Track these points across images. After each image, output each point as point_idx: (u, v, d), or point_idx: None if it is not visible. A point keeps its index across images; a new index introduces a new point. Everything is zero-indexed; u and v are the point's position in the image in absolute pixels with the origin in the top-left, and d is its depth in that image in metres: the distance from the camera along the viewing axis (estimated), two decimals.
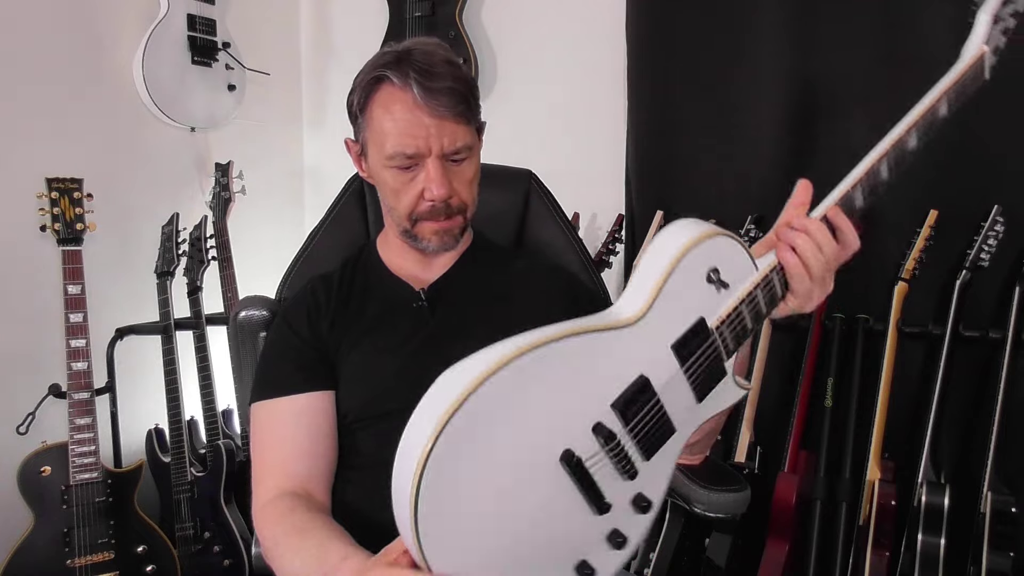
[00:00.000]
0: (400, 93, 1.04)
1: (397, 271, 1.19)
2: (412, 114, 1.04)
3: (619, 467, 0.79)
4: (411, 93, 1.03)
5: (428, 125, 1.04)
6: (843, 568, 1.67)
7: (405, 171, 1.07)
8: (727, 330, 0.84)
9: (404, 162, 1.06)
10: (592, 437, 0.77)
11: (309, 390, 1.07)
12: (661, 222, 1.99)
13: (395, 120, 1.05)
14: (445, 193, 1.07)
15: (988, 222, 1.60)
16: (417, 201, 1.08)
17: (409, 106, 1.04)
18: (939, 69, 1.71)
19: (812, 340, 1.77)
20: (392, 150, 1.05)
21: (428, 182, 1.06)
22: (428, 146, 1.05)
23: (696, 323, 0.82)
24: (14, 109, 1.87)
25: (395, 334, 1.11)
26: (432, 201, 1.07)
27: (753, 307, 0.85)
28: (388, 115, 1.05)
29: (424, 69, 1.04)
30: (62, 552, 1.73)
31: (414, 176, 1.07)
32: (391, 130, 1.05)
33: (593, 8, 2.21)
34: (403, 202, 1.09)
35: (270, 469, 1.04)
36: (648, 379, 0.80)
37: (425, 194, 1.07)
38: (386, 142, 1.06)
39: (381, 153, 1.07)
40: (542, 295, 1.17)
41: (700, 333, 0.82)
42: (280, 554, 0.94)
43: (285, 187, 2.66)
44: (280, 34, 2.63)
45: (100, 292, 1.95)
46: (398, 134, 1.05)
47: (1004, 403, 1.55)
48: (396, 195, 1.09)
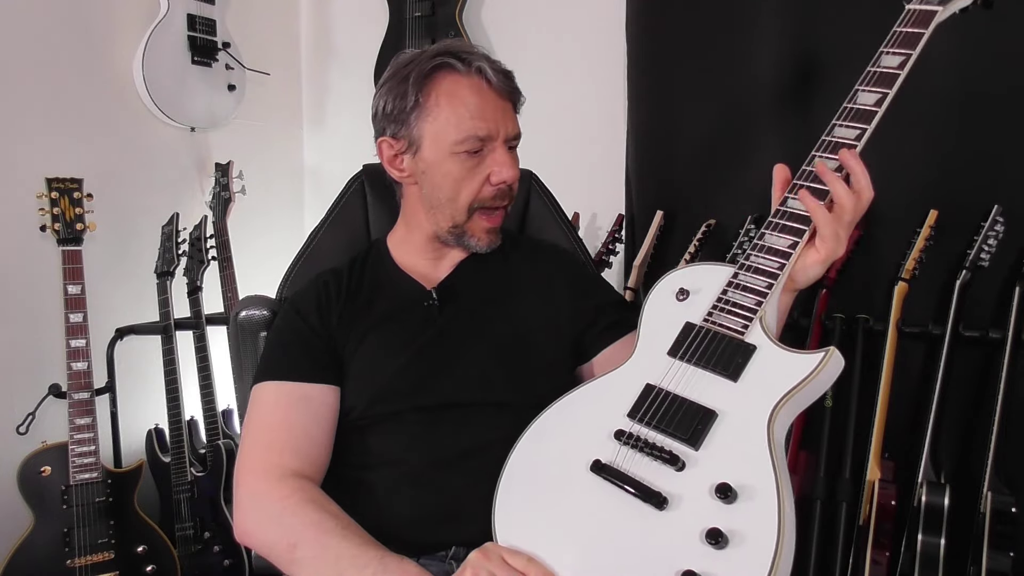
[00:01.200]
0: (466, 79, 1.06)
1: (407, 269, 1.19)
2: (482, 97, 1.06)
3: (658, 459, 0.83)
4: (480, 77, 1.06)
5: (497, 108, 1.07)
6: (843, 568, 1.67)
7: (472, 156, 1.07)
8: (721, 316, 0.92)
9: (475, 145, 1.06)
10: (615, 442, 0.87)
11: (317, 381, 1.07)
12: (661, 222, 1.99)
13: (466, 104, 1.06)
14: (515, 175, 1.09)
15: (988, 222, 1.60)
16: (481, 187, 1.09)
17: (480, 89, 1.06)
18: (938, 71, 1.71)
19: (812, 340, 1.77)
20: (464, 134, 1.06)
21: (497, 165, 1.07)
22: (498, 129, 1.07)
23: (683, 327, 0.93)
24: (14, 109, 1.87)
25: (404, 332, 1.11)
26: (500, 184, 1.09)
27: (748, 279, 0.92)
28: (457, 100, 1.06)
29: (485, 57, 1.08)
30: (62, 552, 1.73)
31: (480, 161, 1.08)
32: (463, 114, 1.06)
33: (593, 8, 2.21)
34: (467, 189, 1.09)
35: (276, 446, 1.02)
36: (653, 384, 0.89)
37: (492, 178, 1.08)
38: (457, 127, 1.06)
39: (446, 140, 1.07)
40: (547, 292, 1.17)
41: (690, 332, 0.92)
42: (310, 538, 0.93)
43: (285, 187, 2.66)
44: (280, 34, 2.63)
45: (100, 292, 1.95)
46: (471, 117, 1.06)
47: (1004, 403, 1.55)
48: (459, 184, 1.09)
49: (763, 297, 0.91)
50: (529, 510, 0.89)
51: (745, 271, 0.93)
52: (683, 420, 0.85)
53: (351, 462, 1.07)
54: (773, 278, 0.91)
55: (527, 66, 2.36)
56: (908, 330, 1.69)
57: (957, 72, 1.66)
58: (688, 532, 0.77)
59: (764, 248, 0.93)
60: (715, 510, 0.77)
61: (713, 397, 0.86)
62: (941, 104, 1.68)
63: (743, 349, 0.88)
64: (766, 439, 0.80)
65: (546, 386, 1.02)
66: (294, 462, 1.01)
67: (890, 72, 0.95)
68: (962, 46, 1.66)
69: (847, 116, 0.95)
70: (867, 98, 0.94)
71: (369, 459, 1.06)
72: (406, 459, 1.05)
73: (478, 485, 0.96)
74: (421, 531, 1.00)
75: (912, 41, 0.96)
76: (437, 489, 1.02)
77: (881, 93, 0.94)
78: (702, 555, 0.75)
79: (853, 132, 0.93)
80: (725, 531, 0.75)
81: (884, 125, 1.80)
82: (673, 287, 0.99)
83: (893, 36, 0.97)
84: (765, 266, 0.92)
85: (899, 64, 0.95)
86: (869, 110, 0.94)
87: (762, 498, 0.76)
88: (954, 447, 1.70)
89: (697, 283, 0.97)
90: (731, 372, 0.87)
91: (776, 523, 0.74)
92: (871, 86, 0.95)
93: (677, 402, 0.87)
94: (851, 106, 0.96)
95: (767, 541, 0.73)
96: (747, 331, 0.89)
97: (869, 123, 0.93)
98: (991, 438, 1.55)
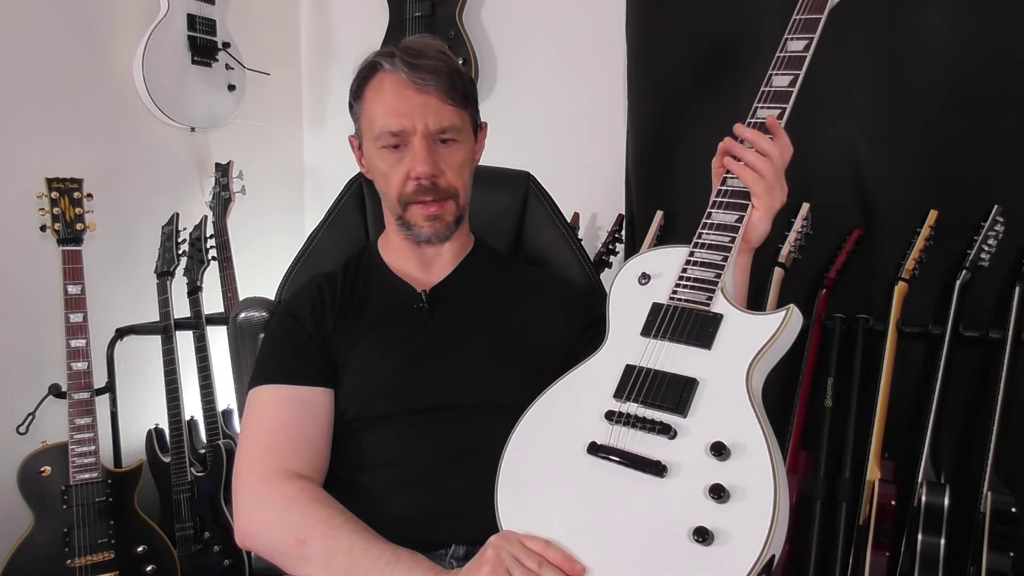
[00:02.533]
0: (389, 76, 1.08)
1: (399, 272, 1.19)
2: (398, 93, 1.07)
3: (651, 431, 0.88)
4: (399, 73, 1.07)
5: (414, 103, 1.07)
6: (843, 568, 1.67)
7: (393, 151, 1.09)
8: (685, 292, 0.98)
9: (391, 140, 1.08)
10: (606, 422, 0.92)
11: (314, 384, 1.07)
12: (661, 222, 1.99)
13: (383, 101, 1.08)
14: (428, 170, 1.08)
15: (988, 222, 1.59)
16: (404, 182, 1.09)
17: (396, 85, 1.07)
18: (937, 71, 1.71)
19: (812, 340, 1.77)
20: (379, 129, 1.08)
21: (413, 160, 1.08)
22: (413, 124, 1.07)
23: (652, 308, 0.99)
24: (14, 109, 1.86)
25: (395, 334, 1.12)
26: (418, 179, 1.08)
27: (704, 255, 0.99)
28: (377, 97, 1.09)
29: (412, 52, 1.08)
30: (62, 552, 1.73)
31: (401, 157, 1.09)
32: (379, 111, 1.08)
33: (593, 8, 2.21)
34: (392, 184, 1.10)
35: (276, 449, 1.02)
36: (633, 364, 0.95)
37: (411, 172, 1.08)
38: (375, 123, 1.09)
39: (370, 136, 1.10)
40: (541, 305, 1.17)
41: (659, 311, 0.99)
42: (320, 533, 0.93)
43: (285, 187, 2.66)
44: (280, 34, 2.63)
45: (100, 292, 1.95)
46: (385, 113, 1.08)
47: (1004, 403, 1.55)
48: (386, 178, 1.11)
49: (721, 269, 0.98)
50: (533, 501, 0.91)
51: (700, 248, 1.01)
52: (668, 392, 0.90)
53: (346, 463, 1.08)
54: (727, 251, 0.99)
55: (527, 66, 2.38)
56: (908, 330, 1.69)
57: (957, 72, 1.66)
58: (692, 492, 0.82)
59: (714, 225, 1.02)
60: (713, 468, 0.83)
61: (692, 367, 0.92)
62: (941, 104, 1.68)
63: (711, 319, 0.95)
64: (747, 396, 0.87)
65: (538, 390, 1.02)
66: (294, 464, 1.01)
67: (798, 55, 1.05)
68: (962, 46, 1.66)
69: (767, 99, 1.04)
70: (781, 80, 1.04)
71: (364, 460, 1.07)
72: (401, 460, 1.05)
73: (474, 484, 0.97)
74: (419, 530, 1.00)
75: (812, 26, 1.06)
76: (434, 489, 1.03)
77: (793, 75, 1.04)
78: (708, 511, 0.80)
79: (775, 112, 1.03)
80: (726, 486, 0.80)
81: (884, 125, 1.80)
82: (635, 273, 1.05)
83: (794, 23, 1.08)
84: (718, 241, 1.00)
85: (804, 47, 1.05)
86: (785, 91, 1.03)
87: (754, 450, 0.83)
88: (954, 447, 1.70)
89: (656, 267, 1.03)
90: (704, 341, 0.93)
91: (771, 471, 0.80)
92: (783, 70, 1.05)
93: (659, 376, 0.92)
94: (768, 89, 1.05)
95: (766, 489, 0.79)
96: (712, 302, 0.96)
97: (787, 102, 1.03)
98: (991, 438, 1.55)
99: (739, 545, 0.77)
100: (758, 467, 0.81)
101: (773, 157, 1.00)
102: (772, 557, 0.77)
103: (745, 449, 0.82)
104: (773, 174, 1.00)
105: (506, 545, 0.85)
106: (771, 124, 1.02)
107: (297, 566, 0.95)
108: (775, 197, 1.01)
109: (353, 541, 0.92)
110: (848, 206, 1.81)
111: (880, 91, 1.74)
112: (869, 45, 1.75)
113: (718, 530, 0.78)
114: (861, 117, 1.77)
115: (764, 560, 0.76)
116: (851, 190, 1.80)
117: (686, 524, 0.79)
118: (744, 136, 1.02)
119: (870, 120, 1.76)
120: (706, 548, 0.78)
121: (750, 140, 1.01)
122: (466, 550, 1.00)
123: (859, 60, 1.76)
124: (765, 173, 0.99)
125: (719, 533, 0.78)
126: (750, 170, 1.00)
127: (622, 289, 1.05)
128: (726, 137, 1.05)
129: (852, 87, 1.78)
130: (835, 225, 1.80)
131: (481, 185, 1.21)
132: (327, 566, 0.92)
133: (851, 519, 1.68)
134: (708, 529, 0.78)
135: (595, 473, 0.88)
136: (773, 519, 0.77)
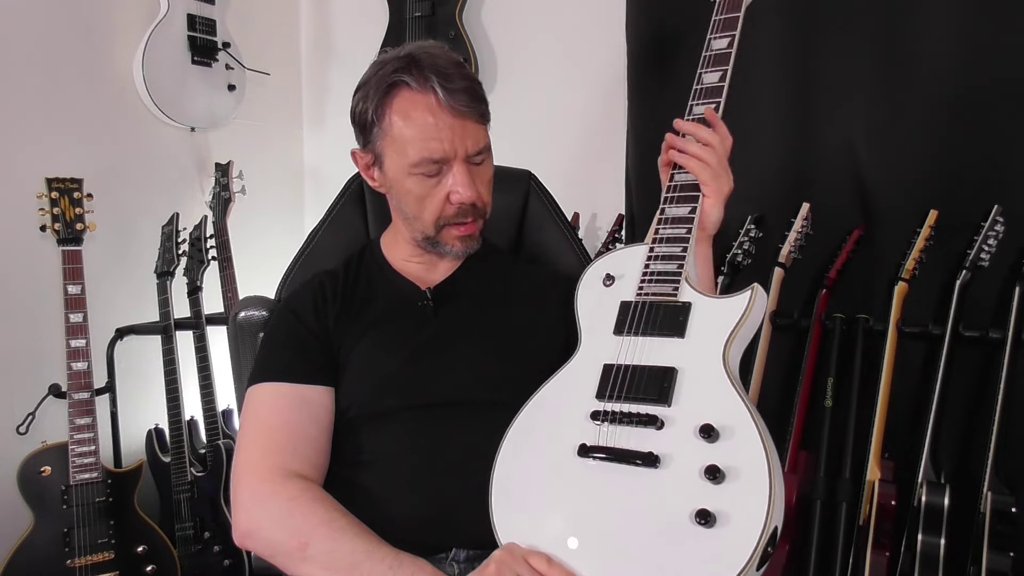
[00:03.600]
0: (421, 97, 1.03)
1: (402, 271, 1.19)
2: (436, 117, 1.03)
3: (638, 425, 0.89)
4: (433, 96, 1.02)
5: (452, 127, 1.03)
6: (843, 568, 1.67)
7: (430, 177, 1.06)
8: (651, 286, 1.00)
9: (431, 168, 1.05)
10: (593, 423, 0.92)
11: (314, 382, 1.07)
12: None
13: (419, 125, 1.03)
14: (474, 195, 1.07)
15: (988, 222, 1.59)
16: (443, 206, 1.08)
17: (432, 109, 1.03)
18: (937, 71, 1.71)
19: (812, 340, 1.77)
20: (418, 156, 1.04)
21: (456, 185, 1.06)
22: (454, 149, 1.04)
23: (620, 306, 1.01)
24: (14, 109, 1.86)
25: (398, 332, 1.11)
26: (460, 204, 1.07)
27: (664, 249, 1.02)
28: (410, 121, 1.04)
29: (441, 71, 1.03)
30: (62, 552, 1.73)
31: (439, 181, 1.06)
32: (415, 136, 1.04)
33: (593, 8, 2.21)
34: (429, 209, 1.08)
35: (277, 447, 1.01)
36: (611, 363, 0.96)
37: (452, 198, 1.07)
38: (410, 149, 1.04)
39: (403, 161, 1.06)
40: (543, 303, 1.17)
41: (628, 308, 1.00)
42: (323, 535, 0.93)
43: (285, 187, 2.66)
44: (280, 34, 2.63)
45: (100, 292, 1.95)
46: (423, 139, 1.03)
47: (1004, 403, 1.55)
48: (421, 202, 1.08)
49: (682, 260, 1.00)
50: (529, 511, 0.91)
51: (659, 243, 1.03)
52: (649, 384, 0.91)
53: (347, 461, 1.07)
54: (685, 241, 1.02)
55: (527, 66, 2.38)
56: (908, 330, 1.69)
57: (957, 73, 1.66)
58: (688, 477, 0.83)
59: (669, 219, 1.05)
60: (704, 450, 0.84)
61: (668, 357, 0.93)
62: (941, 105, 1.68)
63: (680, 308, 0.97)
64: (727, 378, 0.88)
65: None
66: (295, 463, 1.01)
67: (723, 52, 1.11)
68: (962, 46, 1.66)
69: (700, 95, 1.09)
70: (711, 77, 1.10)
71: (365, 458, 1.06)
72: (402, 459, 1.05)
73: (476, 486, 0.96)
74: (421, 533, 1.00)
75: (732, 24, 1.12)
76: (435, 490, 1.02)
77: (721, 70, 1.09)
78: (707, 493, 0.81)
79: (711, 106, 1.07)
80: (721, 466, 0.81)
81: (884, 125, 1.80)
82: (598, 275, 1.07)
83: (715, 24, 1.13)
84: (675, 234, 1.03)
85: (727, 44, 1.11)
86: (716, 86, 1.08)
87: (741, 428, 0.84)
88: (954, 447, 1.70)
89: (619, 267, 1.06)
90: (677, 331, 0.95)
91: (761, 446, 0.81)
92: (711, 67, 1.10)
93: (638, 371, 0.93)
94: (700, 87, 1.10)
95: (759, 463, 0.80)
96: (678, 292, 0.98)
97: (720, 97, 1.08)
98: (991, 438, 1.55)
99: (742, 522, 0.78)
100: (748, 444, 0.82)
101: (715, 145, 1.04)
102: (776, 528, 0.78)
103: (733, 429, 0.83)
104: (717, 161, 1.04)
105: (510, 562, 0.85)
106: (709, 116, 1.06)
107: (298, 567, 0.94)
108: (723, 183, 1.05)
109: (355, 544, 0.92)
110: (848, 206, 1.81)
111: (880, 91, 1.74)
112: (869, 45, 1.75)
113: (719, 511, 0.79)
114: (861, 117, 1.77)
115: (768, 533, 0.77)
116: (851, 190, 1.80)
117: (687, 509, 0.80)
118: (685, 129, 1.07)
119: (870, 120, 1.76)
120: (710, 530, 0.79)
121: (691, 132, 1.06)
122: (467, 554, 1.00)
123: (859, 60, 1.77)
124: (710, 161, 1.03)
125: (720, 513, 0.79)
126: (696, 160, 1.04)
127: (588, 293, 1.07)
128: (667, 133, 1.10)
129: (852, 87, 1.78)
130: (835, 225, 1.80)
131: None
132: (328, 568, 0.92)
133: (851, 519, 1.68)
134: (709, 511, 0.79)
135: (589, 474, 0.89)
136: (771, 491, 0.78)
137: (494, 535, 0.91)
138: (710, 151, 1.04)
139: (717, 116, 1.06)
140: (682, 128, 1.07)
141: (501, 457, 0.96)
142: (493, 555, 0.87)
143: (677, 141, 1.07)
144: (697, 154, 1.04)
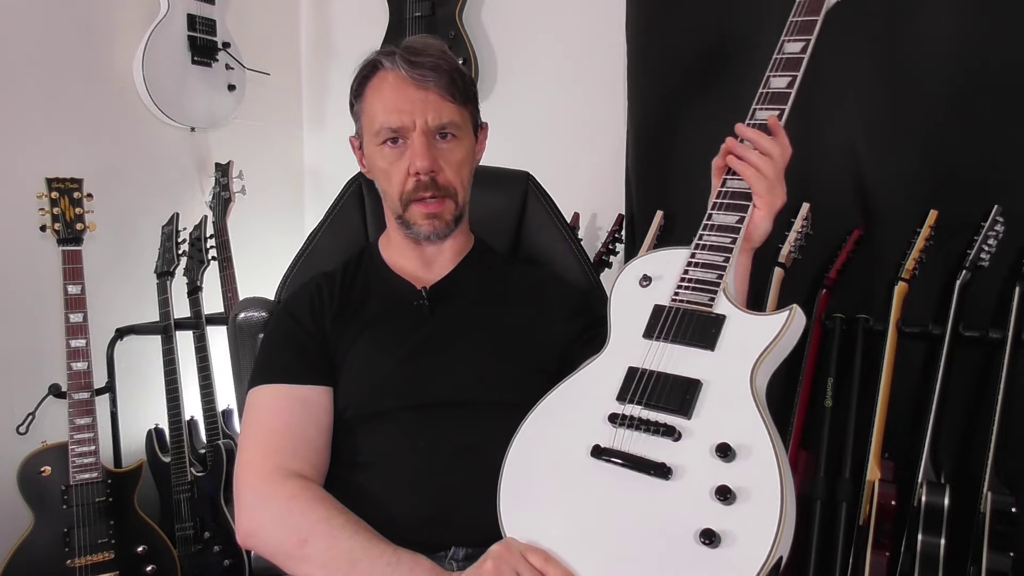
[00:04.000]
0: (390, 74, 1.09)
1: (399, 271, 1.19)
2: (398, 90, 1.08)
3: (655, 433, 0.87)
4: (399, 71, 1.08)
5: (414, 100, 1.07)
6: (843, 568, 1.67)
7: (393, 148, 1.10)
8: (687, 293, 0.98)
9: (390, 135, 1.09)
10: (610, 425, 0.91)
11: (313, 383, 1.08)
12: (661, 222, 1.99)
13: (383, 98, 1.09)
14: (427, 165, 1.08)
15: (988, 222, 1.59)
16: (405, 179, 1.10)
17: (396, 82, 1.08)
18: (937, 71, 1.71)
19: (812, 340, 1.77)
20: (379, 126, 1.09)
21: (412, 156, 1.08)
22: (413, 120, 1.08)
23: (653, 310, 0.99)
24: (14, 109, 1.86)
25: (395, 332, 1.12)
26: (417, 175, 1.09)
27: (706, 256, 0.99)
28: (377, 95, 1.10)
29: (413, 50, 1.09)
30: (62, 552, 1.73)
31: (401, 154, 1.09)
32: (379, 108, 1.09)
33: (593, 8, 2.21)
34: (393, 182, 1.11)
35: (277, 448, 1.02)
36: (636, 366, 0.94)
37: (410, 169, 1.09)
38: (375, 120, 1.09)
39: (370, 133, 1.11)
40: (540, 304, 1.17)
41: (661, 313, 0.98)
42: (321, 533, 0.94)
43: (285, 187, 2.66)
44: (280, 34, 2.63)
45: (100, 292, 1.95)
46: (385, 111, 1.09)
47: (1004, 403, 1.55)
48: (387, 175, 1.12)
49: (723, 271, 0.98)
50: (536, 505, 0.90)
51: (701, 250, 1.00)
52: (671, 394, 0.89)
53: (346, 461, 1.08)
54: (728, 252, 0.99)
55: (527, 66, 2.38)
56: (908, 330, 1.69)
57: (957, 72, 1.66)
58: (697, 494, 0.81)
59: (715, 227, 1.01)
60: (718, 469, 0.82)
61: (695, 368, 0.91)
62: (941, 104, 1.68)
63: (714, 320, 0.94)
64: (751, 397, 0.86)
65: (537, 387, 1.02)
66: (295, 464, 1.01)
67: (795, 57, 1.06)
68: (962, 47, 1.65)
69: (765, 100, 1.05)
70: (779, 82, 1.05)
71: (364, 459, 1.07)
72: (402, 460, 1.05)
73: (475, 485, 0.97)
74: (419, 531, 1.00)
75: (809, 28, 1.07)
76: (434, 489, 1.02)
77: (790, 76, 1.04)
78: (715, 513, 0.79)
79: (774, 113, 1.03)
80: (732, 487, 0.79)
81: (884, 125, 1.80)
82: (636, 275, 1.04)
83: (791, 25, 1.09)
84: (719, 243, 1.00)
85: (801, 49, 1.06)
86: (783, 92, 1.04)
87: (759, 451, 0.81)
88: (954, 447, 1.70)
89: (657, 269, 1.03)
90: (707, 343, 0.92)
91: (777, 472, 0.79)
92: (781, 71, 1.06)
93: (662, 378, 0.91)
94: (766, 91, 1.05)
95: (772, 489, 0.78)
96: (714, 303, 0.96)
97: (785, 103, 1.03)
98: (991, 438, 1.55)
99: (746, 546, 0.76)
100: (764, 468, 0.80)
101: (775, 156, 1.01)
102: (780, 558, 0.77)
103: (751, 450, 0.81)
104: (775, 173, 1.01)
105: (507, 557, 0.85)
106: (772, 124, 1.02)
107: (298, 566, 0.95)
108: (777, 196, 1.02)
109: (354, 541, 0.92)
110: (848, 206, 1.81)
111: (880, 91, 1.74)
112: (869, 45, 1.75)
113: (725, 532, 0.78)
114: (861, 117, 1.77)
115: (772, 562, 0.75)
116: (851, 190, 1.80)
117: (692, 526, 0.79)
118: (746, 136, 1.03)
119: (870, 120, 1.76)
120: (713, 550, 0.77)
121: (752, 140, 1.02)
122: (466, 552, 1.00)
123: (859, 60, 1.76)
124: (767, 172, 1.00)
125: (726, 535, 0.77)
126: (753, 169, 1.01)
127: (623, 292, 1.05)
128: (728, 137, 1.05)
129: (852, 87, 1.78)
130: (835, 225, 1.80)
131: (480, 185, 1.21)
132: (327, 566, 0.92)
133: (851, 519, 1.68)
134: (715, 531, 0.78)
135: (599, 476, 0.88)
136: (780, 520, 0.76)
137: (499, 521, 0.91)
138: (769, 162, 1.00)
139: (780, 125, 1.02)
140: (743, 134, 1.03)
141: (515, 444, 0.96)
142: (490, 550, 0.87)
143: (737, 147, 1.03)
144: (756, 163, 1.01)
